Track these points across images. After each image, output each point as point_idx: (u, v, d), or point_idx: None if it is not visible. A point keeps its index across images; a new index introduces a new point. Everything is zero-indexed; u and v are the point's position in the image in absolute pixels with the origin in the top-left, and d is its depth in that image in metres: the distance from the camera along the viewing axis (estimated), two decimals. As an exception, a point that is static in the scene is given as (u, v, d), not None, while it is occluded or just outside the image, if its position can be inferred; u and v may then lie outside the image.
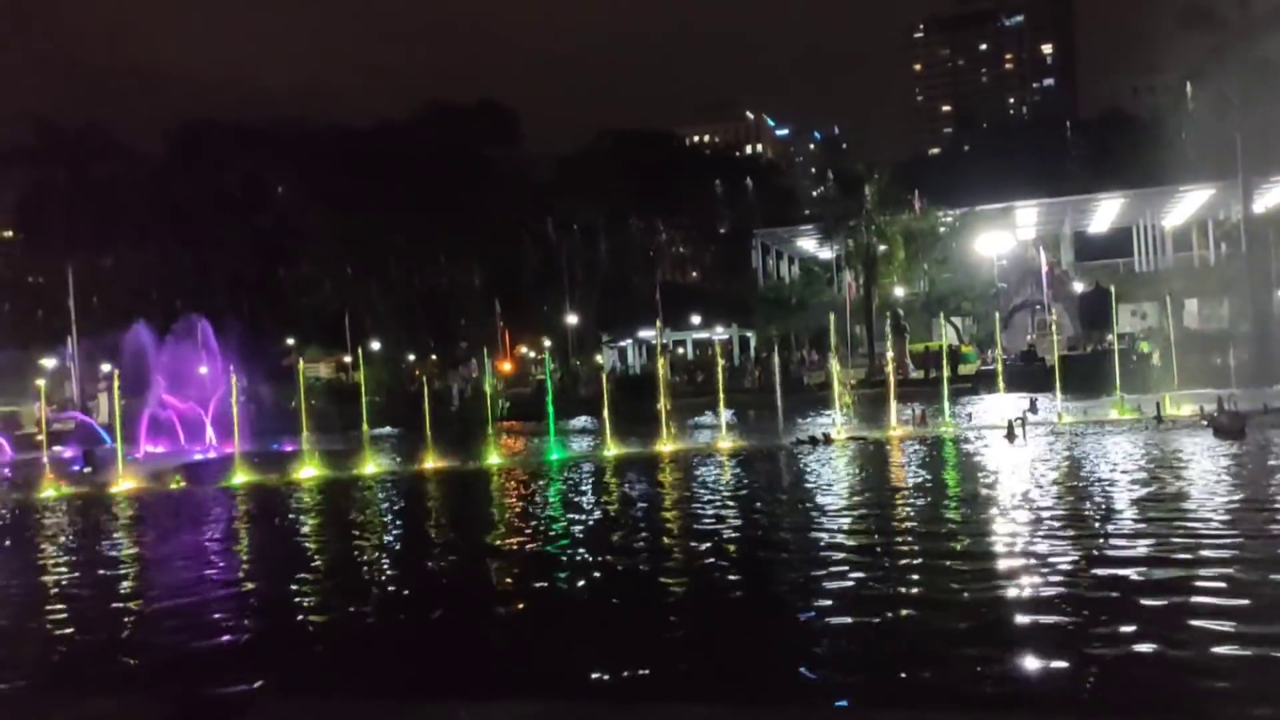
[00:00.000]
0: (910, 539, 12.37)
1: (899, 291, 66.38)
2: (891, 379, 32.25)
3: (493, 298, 77.71)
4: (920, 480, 18.53)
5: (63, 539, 17.20)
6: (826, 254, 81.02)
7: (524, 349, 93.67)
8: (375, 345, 79.02)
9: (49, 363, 75.16)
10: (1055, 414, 28.33)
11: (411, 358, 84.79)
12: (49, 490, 25.06)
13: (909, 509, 15.00)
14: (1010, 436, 22.90)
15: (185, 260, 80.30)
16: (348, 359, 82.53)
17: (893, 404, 28.96)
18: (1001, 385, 36.73)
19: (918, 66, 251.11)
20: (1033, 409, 28.01)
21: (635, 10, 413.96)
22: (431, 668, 7.83)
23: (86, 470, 28.40)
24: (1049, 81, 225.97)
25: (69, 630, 10.19)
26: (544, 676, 7.32)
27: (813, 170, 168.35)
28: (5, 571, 14.05)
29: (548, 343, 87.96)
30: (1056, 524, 12.54)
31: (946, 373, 53.41)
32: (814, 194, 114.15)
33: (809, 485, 18.23)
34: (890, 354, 59.83)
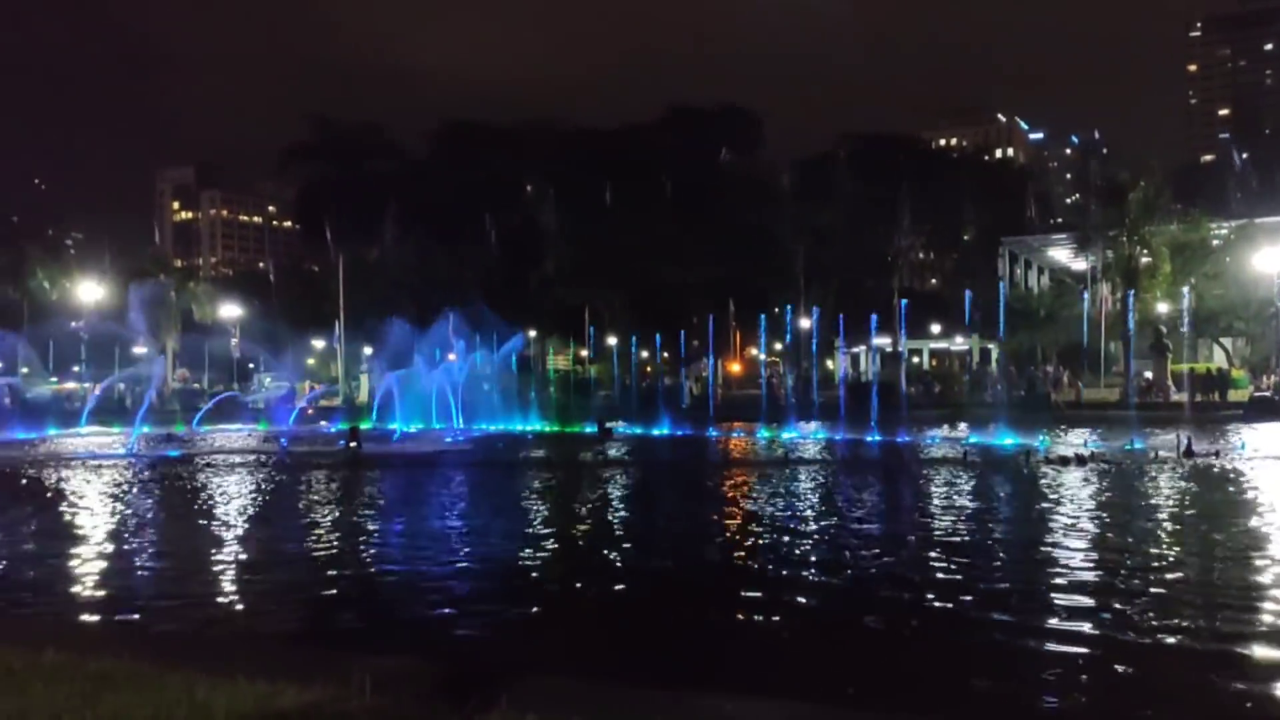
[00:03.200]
0: (1155, 571, 11.47)
1: (1162, 308, 61.88)
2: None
3: (727, 298, 78.16)
4: (1180, 511, 17.13)
5: (337, 508, 18.65)
6: (1080, 265, 76.69)
7: (754, 350, 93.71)
8: (611, 340, 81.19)
9: (318, 344, 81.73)
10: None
11: (645, 354, 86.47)
12: (319, 463, 27.32)
13: (1161, 540, 13.95)
14: (1293, 470, 20.86)
15: (440, 253, 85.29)
16: (584, 352, 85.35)
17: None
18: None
19: (1192, 67, 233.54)
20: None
21: (887, 12, 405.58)
22: (693, 657, 7.98)
23: (351, 445, 30.62)
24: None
25: (351, 593, 11.03)
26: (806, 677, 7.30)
27: (1068, 176, 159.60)
28: (290, 536, 15.33)
29: (779, 345, 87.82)
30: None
31: (1215, 397, 49.53)
32: (1068, 201, 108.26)
33: (1055, 505, 17.23)
34: (1149, 374, 56.18)
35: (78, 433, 43.95)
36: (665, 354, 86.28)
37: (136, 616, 9.70)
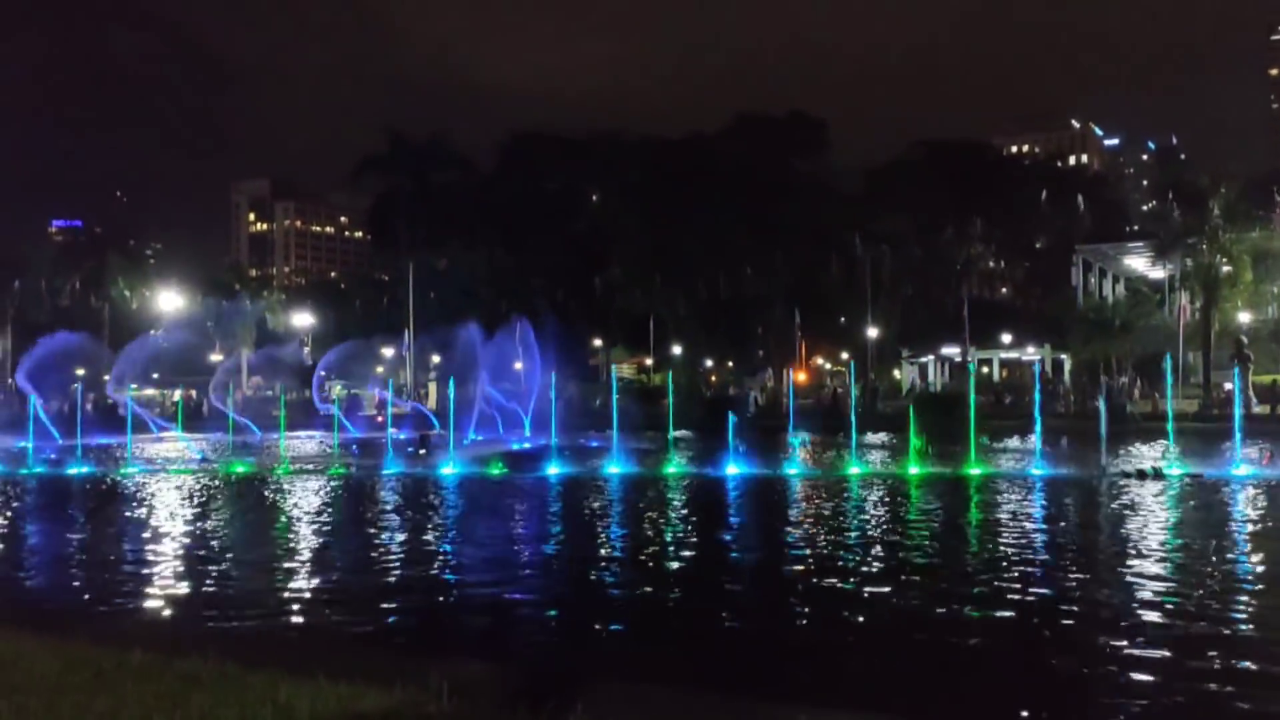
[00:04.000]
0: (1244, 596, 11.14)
1: (1243, 317, 60.18)
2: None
3: (793, 307, 77.78)
4: (1262, 529, 16.59)
5: (407, 515, 18.95)
6: (1157, 274, 75.00)
7: (820, 360, 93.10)
8: (676, 349, 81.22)
9: (388, 351, 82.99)
10: None
11: (709, 363, 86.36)
12: (390, 468, 27.77)
13: (1242, 559, 13.56)
14: (1384, 486, 20.12)
15: (508, 263, 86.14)
16: (649, 361, 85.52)
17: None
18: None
19: (1274, 71, 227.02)
20: None
21: (960, 17, 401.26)
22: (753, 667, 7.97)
23: (421, 452, 31.05)
24: None
25: (425, 599, 11.21)
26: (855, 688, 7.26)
27: (1145, 183, 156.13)
28: (362, 542, 15.62)
29: (845, 355, 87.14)
30: None
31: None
32: (1145, 208, 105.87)
33: (1132, 523, 16.86)
34: (1229, 385, 54.60)
35: (159, 438, 45.22)
36: (730, 362, 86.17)
37: (219, 618, 9.97)
